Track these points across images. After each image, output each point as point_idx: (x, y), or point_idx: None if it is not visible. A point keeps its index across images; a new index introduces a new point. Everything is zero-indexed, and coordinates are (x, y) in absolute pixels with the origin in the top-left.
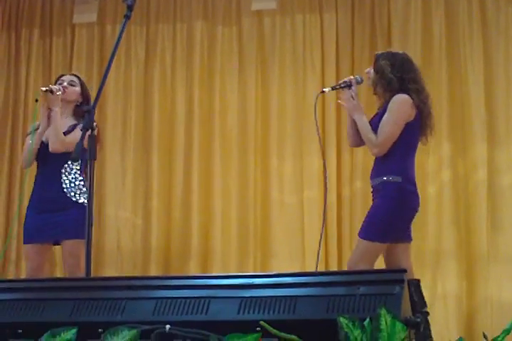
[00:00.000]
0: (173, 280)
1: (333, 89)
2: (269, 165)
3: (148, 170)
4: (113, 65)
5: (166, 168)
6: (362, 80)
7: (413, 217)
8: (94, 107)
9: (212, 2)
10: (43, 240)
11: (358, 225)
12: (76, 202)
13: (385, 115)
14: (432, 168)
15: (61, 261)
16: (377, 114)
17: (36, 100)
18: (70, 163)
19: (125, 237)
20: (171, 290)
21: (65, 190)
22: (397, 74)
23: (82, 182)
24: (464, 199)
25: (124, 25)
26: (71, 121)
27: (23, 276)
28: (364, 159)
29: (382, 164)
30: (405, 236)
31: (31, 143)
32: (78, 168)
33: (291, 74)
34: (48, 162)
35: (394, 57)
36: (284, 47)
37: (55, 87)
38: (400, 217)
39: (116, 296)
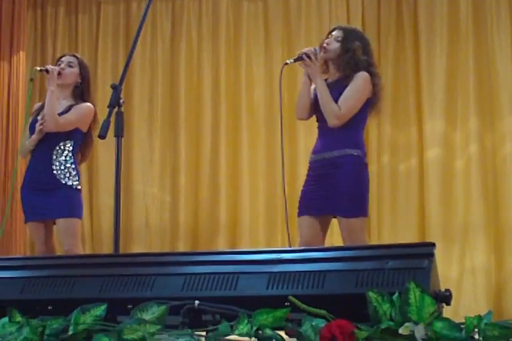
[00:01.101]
0: (201, 256)
1: (295, 60)
2: (296, 140)
3: (176, 147)
4: (139, 41)
5: (193, 144)
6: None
7: None
8: (121, 84)
9: None
10: (38, 218)
11: (386, 199)
12: (65, 184)
13: (350, 89)
14: (460, 142)
15: (88, 237)
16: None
17: (31, 79)
18: (61, 144)
19: (153, 214)
20: (199, 266)
21: (54, 171)
22: (365, 58)
23: (73, 165)
24: (492, 173)
25: (150, 1)
26: (69, 102)
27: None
28: (392, 133)
29: (342, 136)
30: None
31: (28, 143)
32: (71, 149)
33: None
34: (41, 142)
35: (363, 39)
36: (309, 23)
37: (50, 67)
38: (367, 189)
39: (145, 272)
